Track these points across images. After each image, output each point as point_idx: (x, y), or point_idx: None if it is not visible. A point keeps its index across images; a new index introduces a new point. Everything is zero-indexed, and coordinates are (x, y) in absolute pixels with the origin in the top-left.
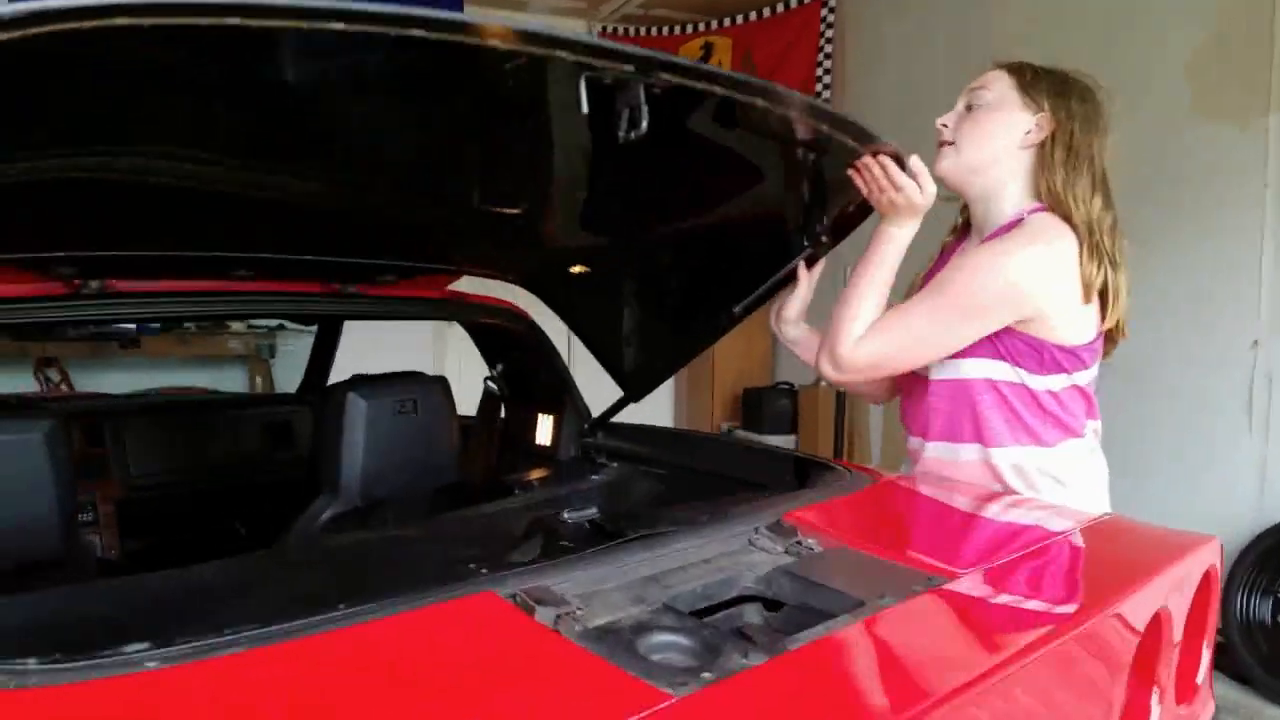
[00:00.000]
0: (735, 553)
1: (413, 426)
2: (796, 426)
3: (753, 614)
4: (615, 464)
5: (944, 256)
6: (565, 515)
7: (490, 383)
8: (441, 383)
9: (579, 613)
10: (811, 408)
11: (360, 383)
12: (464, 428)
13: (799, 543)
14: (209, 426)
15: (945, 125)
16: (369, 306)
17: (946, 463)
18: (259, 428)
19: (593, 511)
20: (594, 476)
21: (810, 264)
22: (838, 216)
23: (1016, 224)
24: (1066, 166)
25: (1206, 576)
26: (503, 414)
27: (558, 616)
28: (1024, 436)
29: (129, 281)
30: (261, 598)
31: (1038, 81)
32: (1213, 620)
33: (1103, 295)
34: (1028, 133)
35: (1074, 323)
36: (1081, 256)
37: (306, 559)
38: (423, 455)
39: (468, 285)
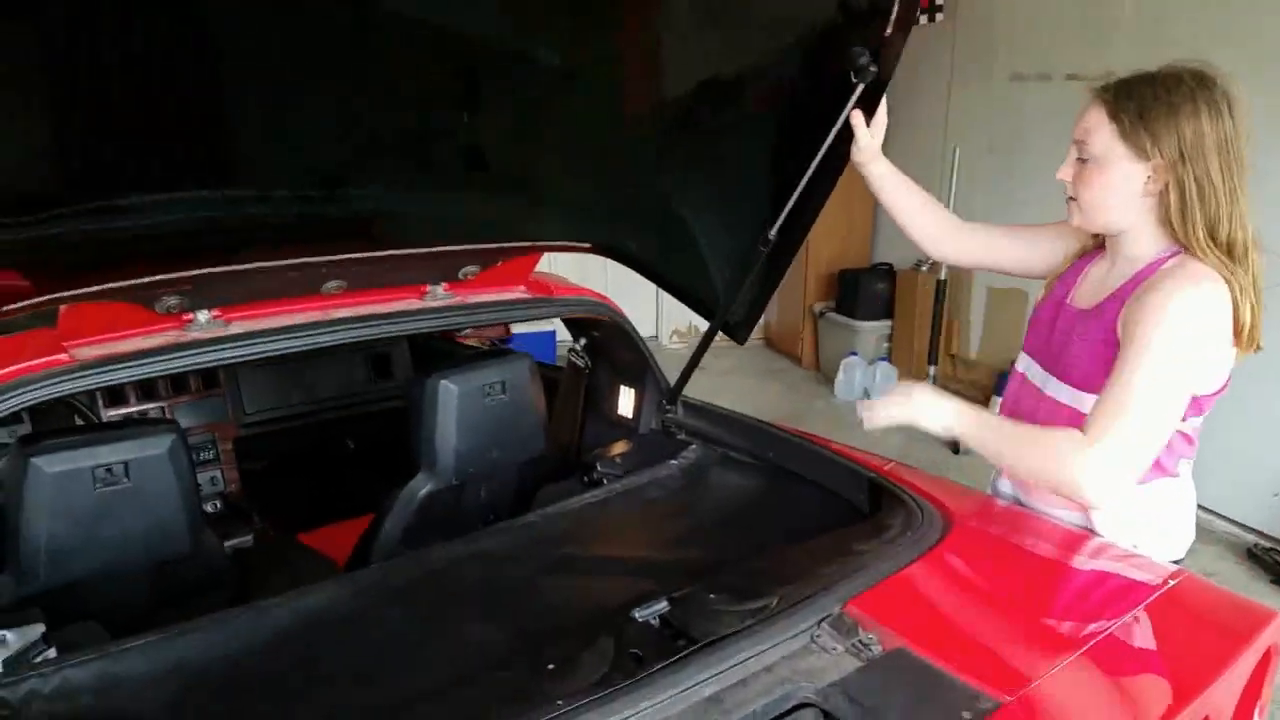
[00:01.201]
0: (796, 656)
1: (501, 407)
2: (892, 312)
3: None
4: (695, 444)
5: (1076, 269)
6: (636, 614)
7: (574, 355)
8: (527, 361)
9: None
10: (910, 292)
11: (451, 370)
12: (548, 384)
13: (860, 643)
14: (315, 363)
15: (1066, 181)
16: (465, 316)
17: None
18: (362, 361)
19: (662, 606)
20: (673, 461)
21: (867, 106)
22: (877, 43)
23: (1159, 265)
24: (1187, 212)
25: (1267, 652)
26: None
27: None
28: None
29: (236, 310)
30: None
31: (1139, 124)
32: (1268, 691)
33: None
34: (1146, 182)
35: (1220, 367)
36: (1234, 296)
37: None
38: (511, 432)
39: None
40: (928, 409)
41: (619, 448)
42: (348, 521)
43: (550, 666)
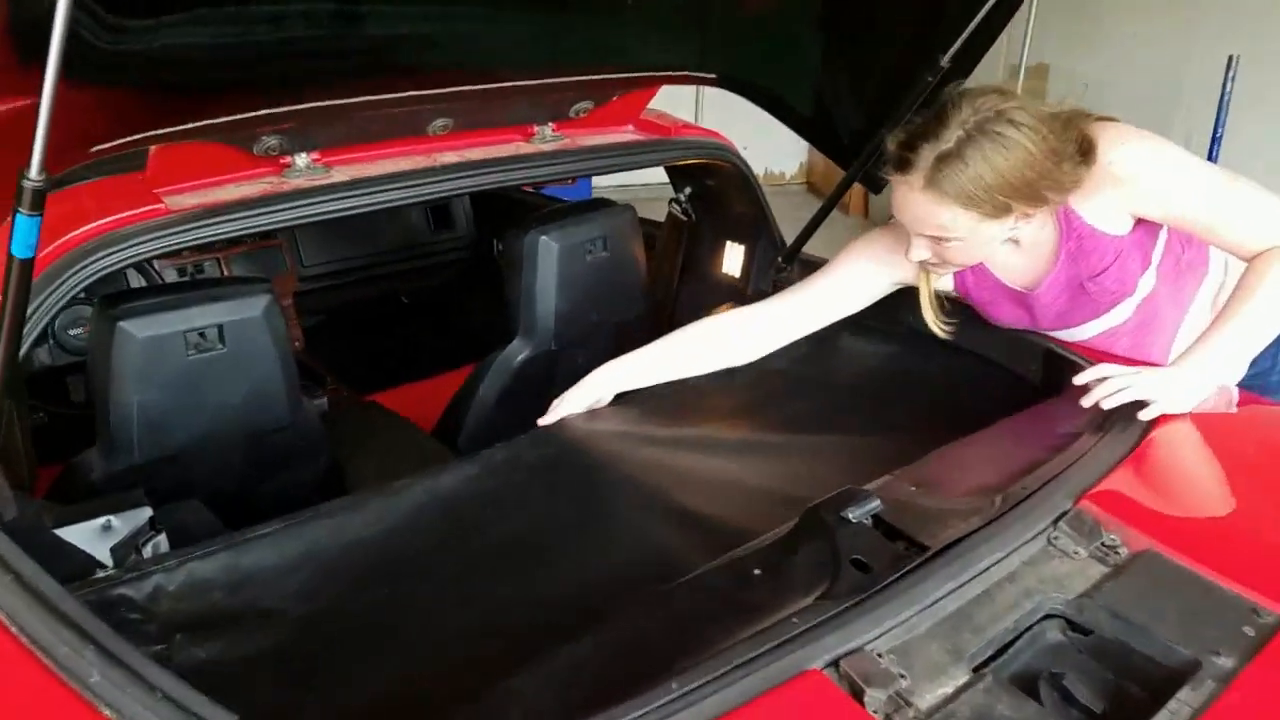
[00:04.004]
0: (1037, 561)
1: (602, 265)
2: None
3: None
4: None
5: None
6: (849, 514)
7: (675, 206)
8: (629, 212)
9: (907, 688)
10: None
11: (550, 224)
12: (647, 238)
13: (1104, 545)
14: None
15: (925, 264)
16: (579, 161)
17: None
18: (421, 210)
19: (877, 505)
20: None
21: None
22: None
23: (1071, 224)
24: (1049, 203)
25: None
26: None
27: (889, 699)
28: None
29: (335, 153)
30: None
31: (994, 195)
32: None
33: None
34: (1014, 229)
35: None
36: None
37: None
38: (611, 293)
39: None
40: (1177, 389)
41: (725, 309)
42: (419, 383)
43: (756, 572)
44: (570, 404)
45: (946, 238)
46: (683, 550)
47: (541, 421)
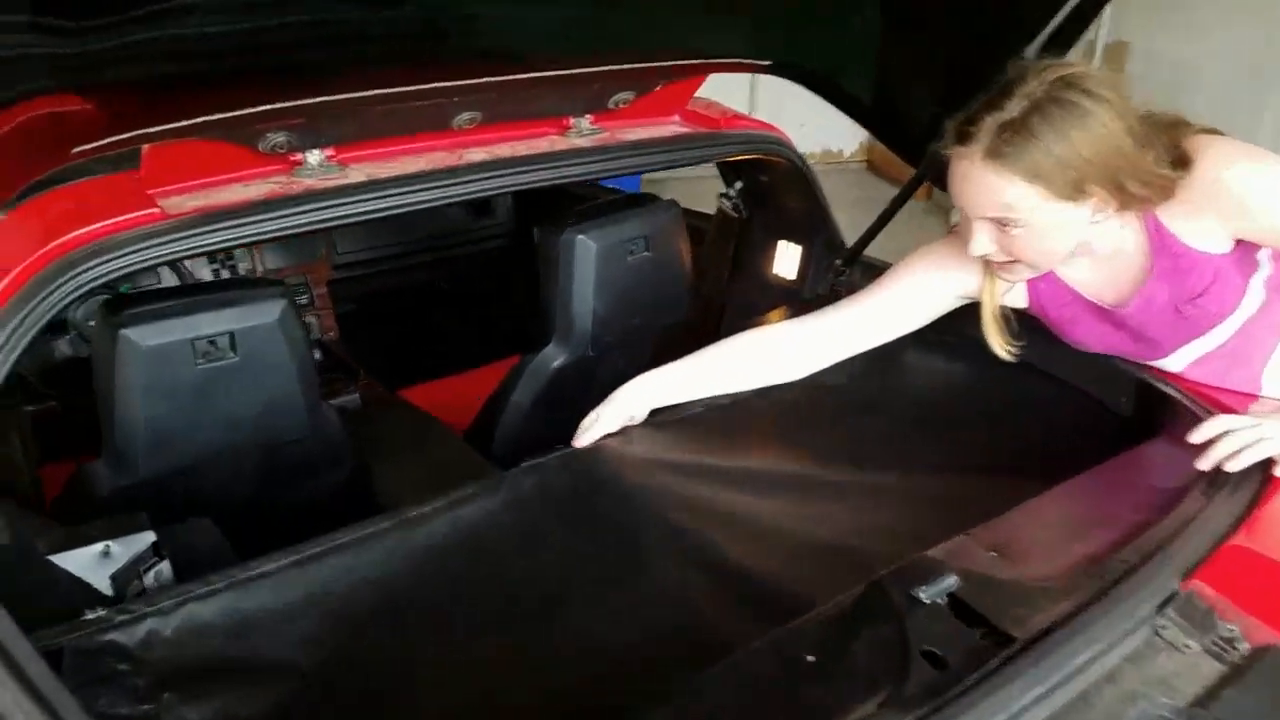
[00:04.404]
0: (1141, 657)
1: (645, 266)
2: None
3: None
4: None
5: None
6: (921, 593)
7: (725, 201)
8: (673, 209)
9: None
10: None
11: (588, 222)
12: (692, 233)
13: (1221, 639)
14: None
15: (988, 256)
16: (620, 158)
17: None
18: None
19: (953, 582)
20: None
21: None
22: None
23: (1160, 237)
24: (1133, 201)
25: None
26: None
27: None
28: None
29: (351, 150)
30: None
31: (1066, 171)
32: None
33: None
34: (1094, 220)
35: None
36: None
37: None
38: (654, 295)
39: None
40: None
41: (777, 316)
42: (455, 377)
43: (809, 659)
44: (604, 424)
45: (1011, 221)
46: (723, 616)
47: (576, 443)
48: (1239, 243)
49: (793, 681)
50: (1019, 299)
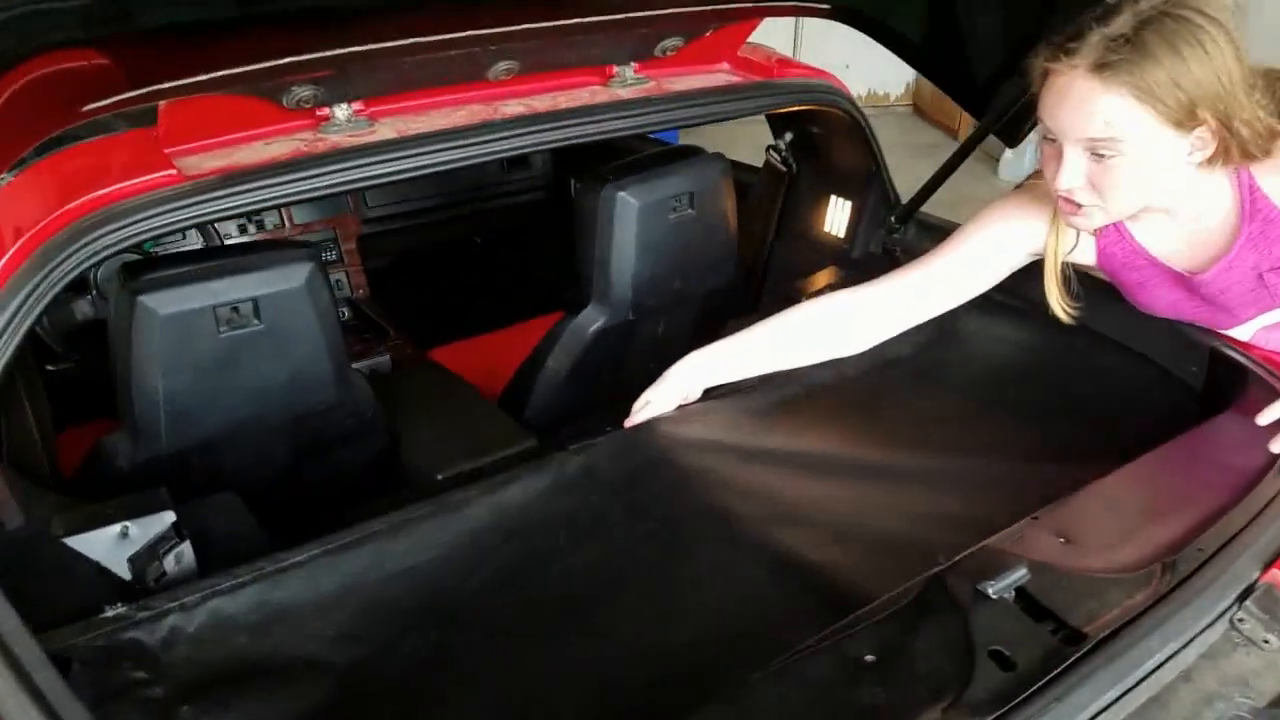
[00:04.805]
0: (1218, 654)
1: (689, 225)
2: None
3: None
4: None
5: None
6: (988, 588)
7: (774, 154)
8: (719, 163)
9: None
10: None
11: (629, 177)
12: (738, 187)
13: None
14: None
15: (1071, 192)
16: (669, 110)
17: None
18: None
19: (1021, 574)
20: None
21: None
22: None
23: (1252, 198)
24: (1231, 149)
25: None
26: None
27: None
28: None
29: (380, 103)
30: None
31: (1177, 92)
32: None
33: None
34: (1191, 152)
35: None
36: None
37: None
38: (698, 256)
39: None
40: None
41: (826, 278)
42: (486, 335)
43: (869, 658)
44: (657, 405)
45: (1111, 145)
46: (778, 609)
47: (627, 424)
48: None
49: (852, 683)
50: (1087, 255)
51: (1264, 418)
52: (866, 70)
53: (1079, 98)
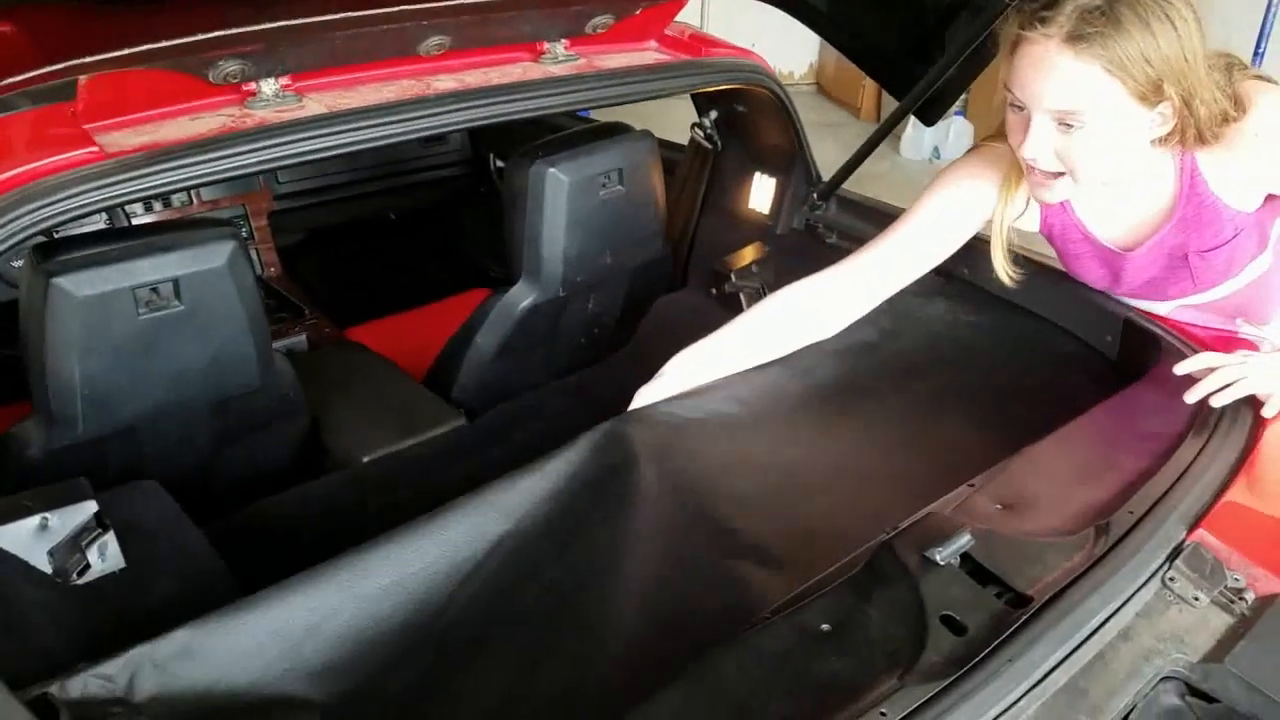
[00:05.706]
0: (1153, 612)
1: (618, 201)
2: None
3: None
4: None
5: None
6: (936, 555)
7: (699, 132)
8: (648, 140)
9: None
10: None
11: (559, 153)
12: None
13: (1229, 589)
14: None
15: (1036, 160)
16: (599, 88)
17: None
18: None
19: (966, 540)
20: None
21: None
22: None
23: (1191, 181)
24: (1188, 130)
25: None
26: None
27: None
28: None
29: (309, 78)
30: None
31: (1146, 67)
32: None
33: None
34: (1150, 130)
35: None
36: None
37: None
38: (627, 232)
39: None
40: None
41: (752, 253)
42: (405, 314)
43: (825, 627)
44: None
45: (1078, 116)
46: (730, 589)
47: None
48: (1268, 200)
49: (809, 653)
50: (1032, 223)
51: (1182, 368)
52: (771, 49)
53: (1051, 70)
